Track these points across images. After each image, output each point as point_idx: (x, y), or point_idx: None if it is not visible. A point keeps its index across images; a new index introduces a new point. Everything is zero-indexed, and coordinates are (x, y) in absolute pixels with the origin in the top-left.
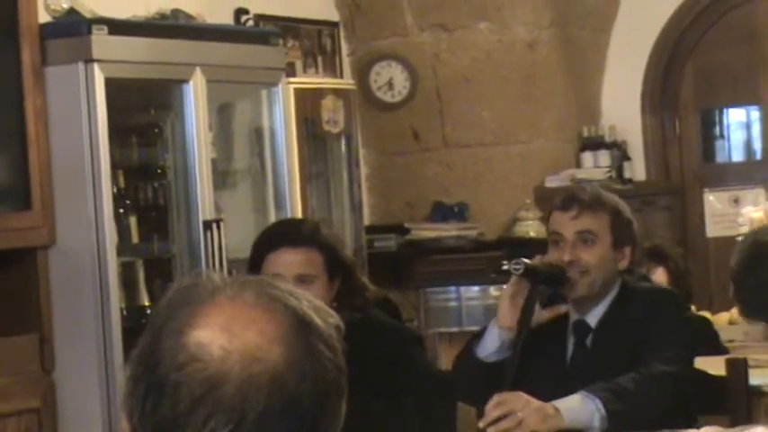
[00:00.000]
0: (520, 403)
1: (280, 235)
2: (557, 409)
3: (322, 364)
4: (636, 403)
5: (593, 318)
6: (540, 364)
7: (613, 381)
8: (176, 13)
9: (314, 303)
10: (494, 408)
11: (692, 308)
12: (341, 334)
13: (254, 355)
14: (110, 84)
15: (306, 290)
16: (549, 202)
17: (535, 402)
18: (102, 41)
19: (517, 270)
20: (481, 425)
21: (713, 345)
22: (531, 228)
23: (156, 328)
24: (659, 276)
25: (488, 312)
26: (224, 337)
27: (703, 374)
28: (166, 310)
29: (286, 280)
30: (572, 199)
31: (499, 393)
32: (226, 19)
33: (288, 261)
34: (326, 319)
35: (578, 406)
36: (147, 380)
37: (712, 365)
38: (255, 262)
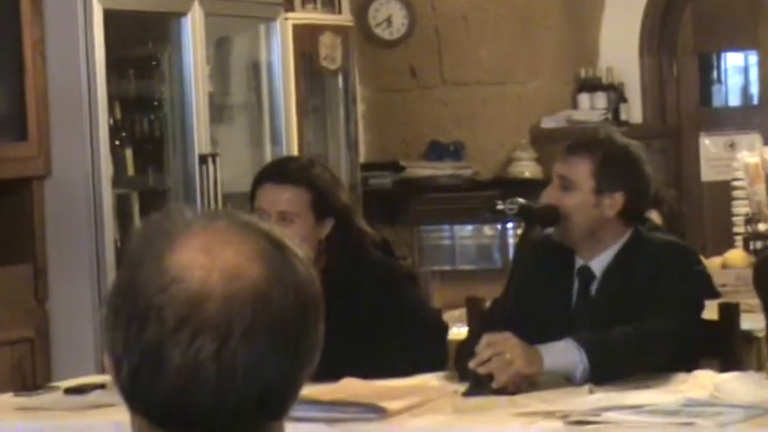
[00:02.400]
0: (509, 345)
1: (268, 171)
2: (540, 354)
3: (301, 279)
4: (622, 360)
5: (598, 265)
6: (545, 305)
7: (605, 333)
8: None
9: (283, 232)
10: (484, 348)
11: None
12: (310, 263)
13: (235, 273)
14: (108, 15)
15: (287, 228)
16: (544, 142)
17: (522, 345)
18: None
19: (512, 210)
20: (471, 366)
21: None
22: (526, 168)
23: (132, 261)
24: (653, 219)
25: (481, 251)
26: (203, 257)
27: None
28: (142, 243)
29: (269, 216)
30: (569, 142)
31: (489, 334)
32: None
33: (272, 197)
34: (296, 247)
35: (563, 354)
36: (129, 308)
37: (705, 309)
38: (251, 194)
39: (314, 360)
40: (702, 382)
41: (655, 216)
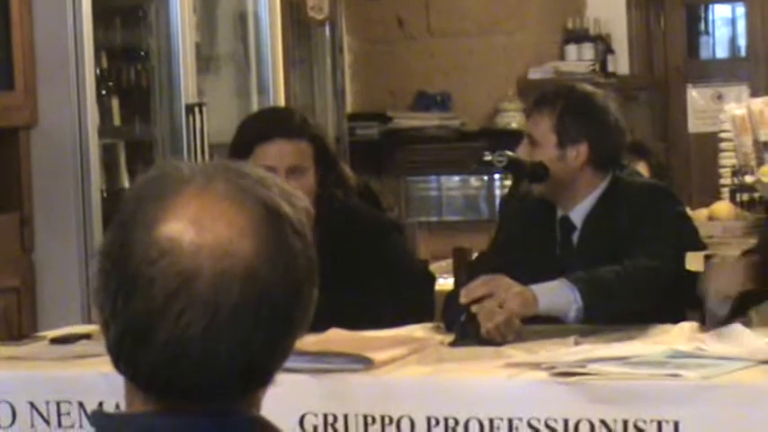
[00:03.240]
0: (503, 285)
1: (272, 125)
2: (534, 295)
3: (293, 255)
4: (615, 298)
5: (578, 215)
6: (531, 258)
7: (596, 272)
8: None
9: (283, 189)
10: (477, 287)
11: None
12: (310, 218)
13: (226, 249)
14: None
15: (298, 181)
16: (531, 93)
17: (516, 286)
18: None
19: (501, 162)
20: (463, 300)
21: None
22: (513, 119)
23: (124, 221)
24: (640, 171)
25: (468, 202)
26: (194, 230)
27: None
28: (134, 203)
29: (278, 171)
30: (533, 98)
31: (484, 275)
32: None
33: (281, 152)
34: (296, 204)
35: (556, 294)
36: (117, 275)
37: (691, 261)
38: (243, 150)
39: (304, 329)
40: (688, 335)
41: (642, 168)
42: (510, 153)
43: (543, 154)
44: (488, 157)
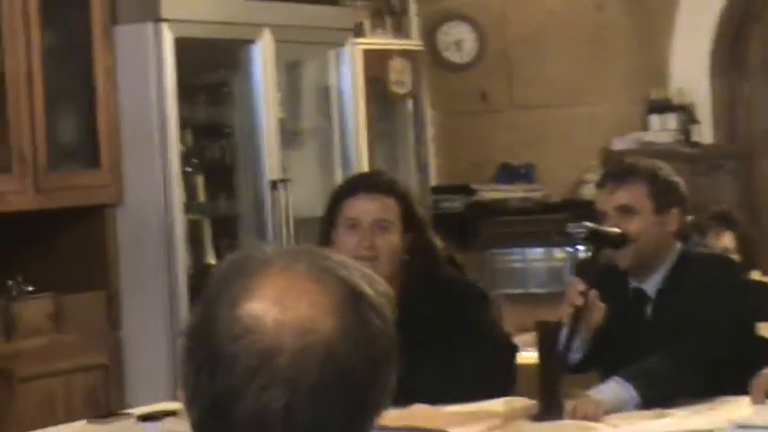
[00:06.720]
0: (592, 407)
1: (359, 182)
2: (603, 402)
3: (373, 334)
4: (668, 387)
5: (651, 286)
6: (607, 325)
7: (647, 364)
8: None
9: (364, 272)
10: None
11: (757, 274)
12: (391, 302)
13: (307, 327)
14: (178, 43)
15: (383, 236)
16: (608, 167)
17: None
18: (171, 1)
19: (580, 233)
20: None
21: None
22: None
23: (209, 300)
24: (726, 241)
25: (552, 274)
26: (277, 309)
27: (763, 340)
28: (219, 283)
29: (362, 225)
30: (606, 175)
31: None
32: None
33: (366, 207)
34: (377, 287)
35: (616, 395)
36: (201, 352)
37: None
38: (332, 210)
39: (382, 409)
40: None
41: (728, 238)
42: (589, 224)
43: (641, 220)
44: (570, 230)
